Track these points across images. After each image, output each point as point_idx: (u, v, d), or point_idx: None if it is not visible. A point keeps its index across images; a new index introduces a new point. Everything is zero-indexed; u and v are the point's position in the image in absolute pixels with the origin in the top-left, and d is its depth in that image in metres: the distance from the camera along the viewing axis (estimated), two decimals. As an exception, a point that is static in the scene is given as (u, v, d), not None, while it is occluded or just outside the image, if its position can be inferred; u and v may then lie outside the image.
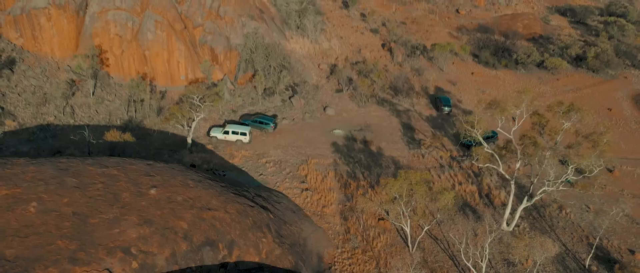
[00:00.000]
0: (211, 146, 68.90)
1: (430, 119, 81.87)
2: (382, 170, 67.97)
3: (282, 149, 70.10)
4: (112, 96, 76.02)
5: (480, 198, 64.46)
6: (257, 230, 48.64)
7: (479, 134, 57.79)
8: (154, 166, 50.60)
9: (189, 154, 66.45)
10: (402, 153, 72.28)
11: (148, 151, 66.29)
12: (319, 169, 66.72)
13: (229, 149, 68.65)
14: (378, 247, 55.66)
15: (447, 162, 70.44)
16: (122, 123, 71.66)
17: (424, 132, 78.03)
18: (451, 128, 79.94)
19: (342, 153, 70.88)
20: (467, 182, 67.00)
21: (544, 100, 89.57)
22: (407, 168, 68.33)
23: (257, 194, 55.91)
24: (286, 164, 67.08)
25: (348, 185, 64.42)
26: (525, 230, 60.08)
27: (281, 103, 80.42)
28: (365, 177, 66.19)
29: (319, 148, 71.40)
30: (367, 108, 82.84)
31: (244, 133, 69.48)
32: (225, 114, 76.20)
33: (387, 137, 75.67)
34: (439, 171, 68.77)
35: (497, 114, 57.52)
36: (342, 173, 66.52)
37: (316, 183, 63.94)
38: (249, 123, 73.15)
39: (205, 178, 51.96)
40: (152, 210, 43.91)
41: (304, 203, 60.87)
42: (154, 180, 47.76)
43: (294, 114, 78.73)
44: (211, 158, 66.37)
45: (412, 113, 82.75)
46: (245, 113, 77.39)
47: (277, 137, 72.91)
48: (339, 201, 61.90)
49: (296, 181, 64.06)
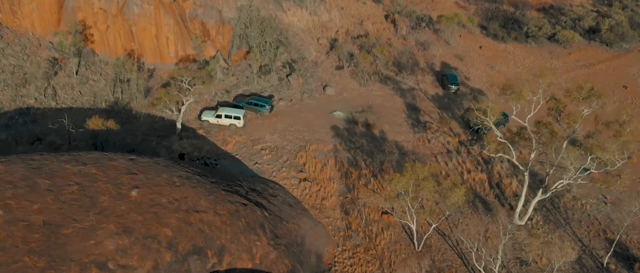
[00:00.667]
0: (202, 131, 64.41)
1: (436, 98, 77.16)
2: (386, 157, 63.65)
3: (278, 134, 65.63)
4: (97, 75, 71.12)
5: (491, 188, 60.30)
6: (251, 233, 44.56)
7: (492, 122, 53.21)
8: (137, 161, 46.19)
9: (179, 140, 62.03)
10: (407, 137, 67.83)
11: (134, 138, 61.84)
12: (318, 157, 62.38)
13: (222, 135, 64.18)
14: (381, 244, 51.75)
15: (455, 147, 66.05)
16: (107, 105, 66.98)
17: (430, 113, 73.42)
18: (459, 108, 75.30)
19: (342, 137, 66.43)
20: (476, 170, 62.75)
21: (557, 77, 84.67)
22: (412, 154, 64.11)
23: (251, 188, 51.70)
24: (283, 151, 62.70)
25: (349, 174, 60.16)
26: (538, 224, 56.13)
27: (278, 82, 75.57)
28: (368, 165, 61.89)
29: (318, 132, 66.91)
30: (369, 86, 78.04)
31: (238, 116, 64.88)
32: (217, 95, 71.46)
33: (391, 119, 71.10)
34: (446, 157, 64.45)
35: (513, 101, 52.79)
36: (343, 161, 62.21)
37: (315, 173, 59.68)
38: (244, 105, 68.51)
39: (194, 173, 47.62)
40: (133, 215, 39.70)
41: (302, 195, 56.73)
42: (136, 179, 43.42)
43: (292, 94, 73.99)
44: (202, 145, 61.95)
45: (416, 92, 77.99)
46: (239, 93, 72.63)
47: (273, 120, 68.36)
48: (340, 192, 57.76)
49: (294, 170, 59.78)
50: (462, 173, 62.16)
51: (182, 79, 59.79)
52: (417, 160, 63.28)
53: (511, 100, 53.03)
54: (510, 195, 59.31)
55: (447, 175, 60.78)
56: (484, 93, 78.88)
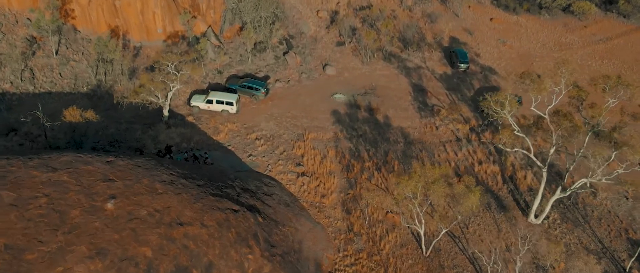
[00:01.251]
0: (192, 118, 59.52)
1: (445, 78, 71.93)
2: (390, 146, 58.93)
3: (275, 121, 60.74)
4: (78, 55, 65.76)
5: (504, 182, 55.78)
6: (242, 244, 40.23)
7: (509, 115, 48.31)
8: (115, 164, 41.49)
9: (166, 129, 57.22)
10: (413, 123, 62.95)
11: (118, 126, 57.03)
12: (318, 147, 57.67)
13: (213, 122, 59.30)
14: (386, 248, 47.57)
15: (465, 135, 61.21)
16: (89, 89, 61.88)
17: (438, 95, 68.33)
18: (469, 89, 70.17)
19: (343, 124, 61.57)
20: (488, 160, 58.12)
21: (572, 52, 79.19)
22: (418, 143, 59.42)
23: (244, 187, 47.20)
24: (280, 141, 57.94)
25: (351, 167, 55.55)
26: (555, 223, 51.82)
27: (274, 61, 70.22)
28: (371, 156, 57.21)
29: (318, 119, 62.01)
30: (372, 65, 72.69)
31: (231, 102, 59.87)
32: (209, 76, 66.24)
33: (396, 102, 66.08)
34: (456, 146, 59.73)
35: (533, 93, 47.74)
36: (344, 151, 57.52)
37: (314, 166, 55.08)
38: (237, 89, 63.38)
39: (179, 175, 43.00)
40: (108, 233, 35.24)
41: (300, 191, 52.28)
42: (113, 187, 38.81)
43: (289, 74, 68.75)
44: (192, 134, 57.18)
45: (423, 71, 72.68)
46: (232, 74, 67.37)
47: (269, 105, 63.36)
48: (341, 188, 53.28)
49: (291, 163, 55.16)
50: (472, 163, 57.55)
51: (168, 64, 54.53)
52: (424, 150, 58.64)
53: (531, 91, 47.92)
54: (525, 190, 54.83)
55: (458, 172, 56.10)
56: (495, 71, 73.62)
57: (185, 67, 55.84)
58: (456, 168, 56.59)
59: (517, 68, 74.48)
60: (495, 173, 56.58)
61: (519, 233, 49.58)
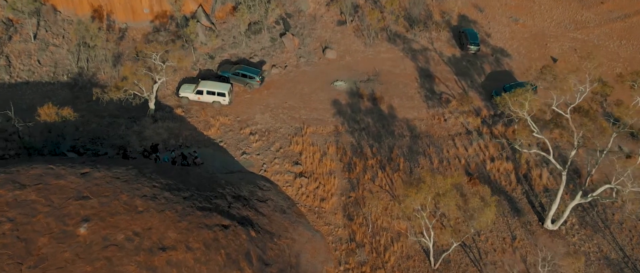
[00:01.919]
0: (181, 110, 55.06)
1: (453, 61, 67.07)
2: (396, 141, 54.64)
3: (270, 113, 56.30)
4: (59, 39, 60.84)
5: (518, 181, 51.68)
6: (233, 268, 36.39)
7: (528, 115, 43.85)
8: (90, 177, 37.29)
9: (153, 123, 52.89)
10: (420, 114, 58.50)
11: (101, 121, 52.67)
12: (317, 143, 53.40)
13: (204, 115, 54.88)
14: (391, 260, 43.84)
15: (476, 128, 56.77)
16: (70, 77, 57.26)
17: (446, 81, 63.62)
18: (479, 73, 65.43)
19: (345, 116, 57.14)
20: (500, 157, 53.85)
21: (588, 32, 74.01)
22: (425, 137, 55.14)
23: (236, 194, 43.11)
24: (276, 136, 53.64)
25: (353, 165, 51.38)
26: (573, 228, 47.96)
27: (270, 43, 65.26)
28: (374, 153, 52.98)
29: (317, 110, 57.53)
30: (376, 47, 67.73)
31: (222, 93, 55.29)
32: (199, 62, 61.43)
33: (401, 90, 61.46)
34: (466, 140, 55.41)
35: (556, 93, 43.18)
36: (345, 147, 53.26)
37: (313, 165, 50.93)
38: (229, 76, 58.68)
39: (163, 187, 38.85)
40: (80, 265, 31.33)
41: (298, 194, 48.27)
42: (87, 206, 34.72)
43: (287, 59, 63.92)
44: (180, 129, 52.87)
45: (430, 53, 67.76)
46: (225, 59, 62.52)
47: (264, 94, 58.78)
48: (342, 190, 49.25)
49: (288, 161, 50.98)
50: (484, 160, 53.35)
51: (152, 55, 49.75)
52: (432, 145, 54.37)
53: (553, 90, 43.34)
54: (541, 191, 50.77)
55: (468, 171, 51.94)
56: (508, 53, 68.71)
57: (171, 57, 51.01)
58: (466, 166, 52.45)
59: (531, 49, 69.59)
60: (509, 172, 52.45)
61: (534, 241, 45.79)
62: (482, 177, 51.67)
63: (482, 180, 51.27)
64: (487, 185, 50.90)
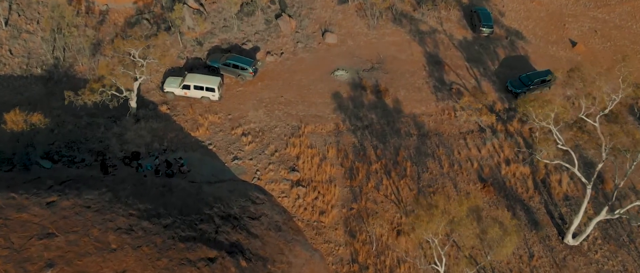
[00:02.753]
0: (166, 108, 50.17)
1: (465, 45, 61.63)
2: (402, 141, 49.97)
3: (265, 109, 51.41)
4: (33, 24, 55.40)
5: (536, 188, 47.24)
6: (220, 310, 32.20)
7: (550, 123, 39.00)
8: (57, 207, 32.82)
9: (135, 123, 48.17)
10: (428, 108, 53.59)
11: (78, 121, 47.90)
12: (316, 144, 48.75)
13: (191, 112, 50.04)
14: (397, 285, 39.71)
15: (490, 124, 51.92)
16: (44, 70, 52.13)
17: (456, 69, 58.38)
18: (492, 59, 60.11)
19: (346, 111, 52.27)
20: (516, 159, 49.23)
21: (608, 10, 68.04)
22: (434, 135, 50.47)
23: (225, 214, 38.75)
24: (271, 136, 48.95)
25: (355, 171, 46.88)
26: (596, 243, 43.78)
27: (265, 26, 59.72)
28: (379, 156, 48.37)
29: (316, 104, 52.62)
30: (380, 29, 62.16)
31: (212, 88, 50.24)
32: (187, 49, 56.09)
33: (407, 80, 56.34)
34: (478, 139, 50.71)
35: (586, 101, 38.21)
36: (347, 149, 48.63)
37: (311, 171, 46.42)
38: (219, 67, 53.47)
39: (141, 214, 34.42)
40: (41, 326, 27.10)
41: (295, 206, 43.96)
42: (52, 247, 30.39)
43: (283, 44, 58.54)
44: (165, 130, 48.13)
45: (439, 36, 62.25)
46: (215, 45, 57.09)
47: (258, 86, 53.72)
48: (343, 201, 44.87)
49: (284, 167, 46.42)
50: (498, 163, 48.76)
51: (130, 51, 44.48)
52: (441, 145, 49.73)
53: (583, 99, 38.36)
54: (561, 199, 46.39)
55: (482, 176, 47.36)
56: (523, 36, 63.15)
57: (153, 54, 45.72)
58: (479, 171, 47.92)
59: (548, 31, 64.00)
60: (526, 176, 47.95)
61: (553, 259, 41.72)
62: (497, 183, 47.23)
63: (496, 187, 46.86)
64: (502, 192, 46.61)
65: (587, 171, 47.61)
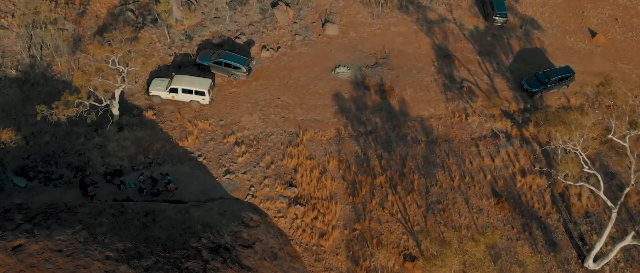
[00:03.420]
0: (152, 113, 46.14)
1: (476, 35, 57.06)
2: (408, 149, 46.11)
3: (260, 113, 47.39)
4: (7, 18, 50.82)
5: (553, 202, 43.54)
6: None
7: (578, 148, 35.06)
8: (25, 253, 29.35)
9: (118, 132, 44.26)
10: (437, 109, 49.51)
11: (56, 131, 43.88)
12: (315, 154, 44.94)
13: (179, 118, 46.04)
14: (404, 320, 36.47)
15: (504, 129, 47.90)
16: (20, 71, 47.86)
17: (467, 63, 54.02)
18: (506, 53, 55.67)
19: (348, 114, 48.25)
20: (532, 169, 45.42)
21: None
22: (444, 142, 46.61)
23: (215, 245, 35.40)
24: (266, 145, 45.07)
25: (358, 185, 43.16)
26: (618, 266, 40.37)
27: (260, 17, 55.07)
28: (384, 167, 44.60)
29: (316, 107, 48.55)
30: (385, 17, 57.45)
31: (201, 91, 46.05)
32: (175, 44, 51.68)
33: (414, 77, 52.08)
34: (491, 146, 46.83)
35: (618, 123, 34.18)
36: (349, 160, 44.82)
37: (310, 186, 42.76)
38: (210, 65, 49.16)
39: (119, 256, 30.91)
40: None
41: (292, 227, 40.46)
42: (16, 306, 26.81)
43: (279, 37, 54.05)
44: (151, 140, 44.24)
45: (449, 26, 57.60)
46: (205, 38, 52.60)
47: (252, 86, 49.54)
48: (345, 221, 41.31)
49: (281, 182, 42.69)
50: (513, 174, 44.99)
51: (110, 59, 40.13)
52: (452, 153, 45.92)
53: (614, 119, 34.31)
54: (581, 216, 42.79)
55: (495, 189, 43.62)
56: (539, 25, 58.46)
57: (134, 62, 41.38)
58: (493, 183, 44.19)
59: (565, 19, 59.28)
60: (542, 189, 44.23)
61: None
62: (512, 197, 43.56)
63: (511, 202, 43.22)
64: (518, 208, 43.00)
65: (609, 183, 43.94)
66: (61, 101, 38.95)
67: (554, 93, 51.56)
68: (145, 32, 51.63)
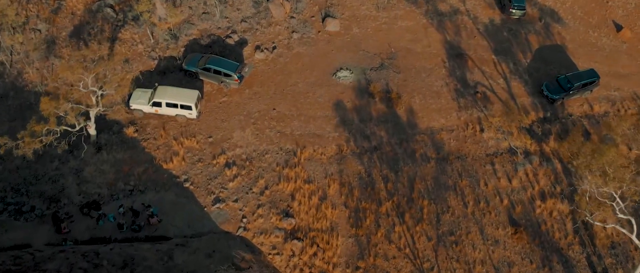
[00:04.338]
0: (133, 130, 41.71)
1: (491, 30, 52.04)
2: (417, 168, 41.95)
3: (253, 128, 42.99)
4: (-29, 16, 45.68)
5: (576, 232, 39.56)
6: None
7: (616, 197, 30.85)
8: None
9: (96, 153, 40.04)
10: (448, 120, 45.11)
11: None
12: (314, 176, 40.83)
13: (164, 136, 41.68)
14: None
15: (523, 146, 43.51)
16: (-14, 79, 43.22)
17: (482, 64, 49.25)
18: (524, 50, 50.80)
19: (351, 127, 43.89)
20: (553, 191, 41.35)
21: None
22: (456, 159, 42.66)
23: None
24: (260, 166, 40.92)
25: (361, 214, 39.17)
26: (648, 305, 36.68)
27: (253, 11, 49.94)
28: (390, 191, 40.53)
29: (315, 119, 44.12)
30: (392, 10, 52.32)
31: (188, 105, 41.47)
32: (159, 45, 46.77)
33: (424, 81, 47.42)
34: (508, 165, 42.69)
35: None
36: (352, 182, 40.74)
37: (309, 215, 38.85)
38: (198, 71, 44.40)
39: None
40: None
41: (289, 266, 36.85)
42: None
43: (275, 35, 49.09)
44: (133, 162, 40.00)
45: (462, 19, 52.51)
46: (193, 38, 47.60)
47: (245, 95, 44.95)
48: (347, 257, 37.59)
49: (276, 212, 38.72)
50: (532, 197, 40.91)
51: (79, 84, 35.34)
52: (465, 173, 41.87)
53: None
54: (605, 247, 38.97)
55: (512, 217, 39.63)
56: (560, 17, 53.37)
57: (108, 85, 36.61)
58: (510, 209, 40.19)
59: (588, 11, 54.23)
60: (564, 215, 40.27)
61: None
62: (530, 225, 39.66)
63: (530, 231, 39.35)
64: (537, 238, 39.18)
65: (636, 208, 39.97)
66: (27, 130, 34.42)
67: (576, 99, 47.07)
68: (126, 32, 46.75)
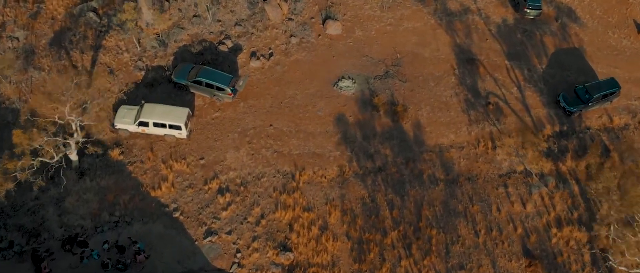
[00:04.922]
0: (119, 152, 38.63)
1: (504, 32, 48.41)
2: (425, 192, 39.03)
3: (248, 147, 39.97)
4: (-59, 23, 42.17)
5: (593, 263, 36.89)
6: None
7: None
8: None
9: (78, 179, 36.93)
10: (459, 136, 42.02)
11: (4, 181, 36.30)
12: (315, 202, 38.02)
13: (152, 158, 38.67)
14: None
15: (538, 168, 40.50)
16: (-42, 96, 39.91)
17: (494, 70, 45.86)
18: (539, 54, 47.36)
19: (353, 144, 40.88)
20: (570, 217, 38.54)
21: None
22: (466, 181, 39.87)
23: None
24: (256, 192, 38.11)
25: (365, 245, 36.44)
26: None
27: (248, 13, 46.27)
28: (396, 219, 37.75)
29: (314, 136, 41.04)
30: (397, 9, 48.60)
31: (177, 126, 38.28)
32: (146, 53, 43.36)
33: (432, 91, 44.15)
34: (522, 187, 39.76)
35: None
36: (355, 209, 37.92)
37: (308, 248, 36.18)
38: (189, 84, 41.09)
39: None
40: None
41: (286, 307, 33.99)
42: None
43: (271, 40, 45.60)
44: (118, 190, 37.11)
45: (473, 19, 48.82)
46: (183, 44, 44.07)
47: (240, 109, 41.76)
48: (350, 295, 34.85)
49: (273, 244, 36.05)
50: (548, 224, 38.15)
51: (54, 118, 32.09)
52: (476, 197, 39.12)
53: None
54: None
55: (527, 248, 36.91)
56: (577, 17, 49.67)
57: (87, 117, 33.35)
58: (524, 238, 37.44)
59: (608, 9, 50.55)
60: (581, 244, 37.63)
61: None
62: (546, 256, 37.02)
63: (545, 263, 36.69)
64: (553, 270, 36.43)
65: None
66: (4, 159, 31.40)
67: (595, 110, 43.88)
68: (111, 39, 43.34)
